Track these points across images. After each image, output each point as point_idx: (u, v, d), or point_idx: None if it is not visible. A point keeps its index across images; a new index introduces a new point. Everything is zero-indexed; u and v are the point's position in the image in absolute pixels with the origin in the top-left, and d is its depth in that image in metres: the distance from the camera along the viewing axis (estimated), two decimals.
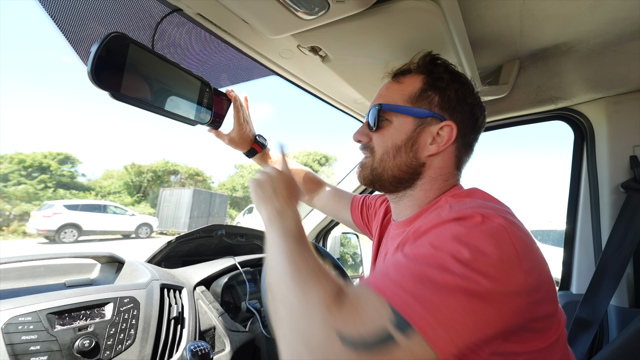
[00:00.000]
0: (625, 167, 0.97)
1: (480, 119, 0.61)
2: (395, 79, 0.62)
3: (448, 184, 0.60)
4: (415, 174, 0.59)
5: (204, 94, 0.74)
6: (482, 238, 0.38)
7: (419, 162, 0.58)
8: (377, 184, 0.63)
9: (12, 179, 15.03)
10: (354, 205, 0.94)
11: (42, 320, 0.64)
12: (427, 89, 0.58)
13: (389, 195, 0.65)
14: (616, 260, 0.90)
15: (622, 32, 0.69)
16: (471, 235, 0.39)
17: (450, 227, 0.41)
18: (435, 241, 0.41)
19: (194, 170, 23.06)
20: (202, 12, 0.63)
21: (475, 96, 0.60)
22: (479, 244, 0.38)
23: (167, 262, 1.15)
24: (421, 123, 0.58)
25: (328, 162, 26.24)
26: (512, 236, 0.39)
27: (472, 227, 0.40)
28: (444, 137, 0.57)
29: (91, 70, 0.50)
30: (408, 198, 0.62)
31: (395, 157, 0.59)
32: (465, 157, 0.62)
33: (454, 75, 0.59)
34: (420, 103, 0.58)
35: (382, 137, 0.60)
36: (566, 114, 1.11)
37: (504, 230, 0.39)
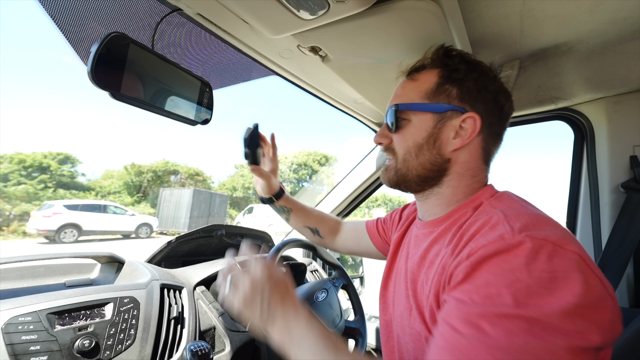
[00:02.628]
0: (625, 167, 0.97)
1: (507, 106, 0.58)
2: (410, 76, 0.61)
3: (476, 181, 0.57)
4: (441, 171, 0.57)
5: (204, 94, 0.74)
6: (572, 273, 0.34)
7: (444, 158, 0.56)
8: (402, 185, 0.61)
9: (12, 179, 15.04)
10: (369, 227, 0.92)
11: (42, 320, 0.64)
12: (443, 83, 0.56)
13: (415, 194, 0.63)
14: (616, 260, 0.90)
15: (622, 32, 0.69)
16: (560, 269, 0.35)
17: (526, 260, 0.36)
18: (510, 285, 0.35)
19: (194, 170, 23.08)
20: (202, 12, 0.63)
21: (497, 83, 0.57)
22: (572, 283, 0.34)
23: (167, 262, 1.15)
24: (441, 118, 0.56)
25: (328, 162, 26.24)
26: (592, 267, 0.36)
27: (557, 257, 0.36)
28: (467, 130, 0.54)
29: (91, 70, 0.50)
30: (435, 196, 0.59)
31: (418, 156, 0.57)
32: (493, 149, 0.59)
33: (470, 64, 0.57)
34: (438, 98, 0.56)
35: (402, 137, 0.59)
36: (566, 114, 1.11)
37: (582, 261, 0.36)
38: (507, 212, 0.45)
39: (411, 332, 0.53)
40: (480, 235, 0.44)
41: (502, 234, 0.40)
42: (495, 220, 0.44)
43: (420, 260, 0.57)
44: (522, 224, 0.41)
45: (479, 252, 0.40)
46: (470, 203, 0.55)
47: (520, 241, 0.38)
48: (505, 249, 0.38)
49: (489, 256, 0.39)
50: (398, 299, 0.62)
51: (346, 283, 1.15)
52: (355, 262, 1.84)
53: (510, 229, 0.40)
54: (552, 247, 0.37)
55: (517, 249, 0.37)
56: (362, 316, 1.11)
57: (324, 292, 1.02)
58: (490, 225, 0.44)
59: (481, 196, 0.55)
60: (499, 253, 0.38)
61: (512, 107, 0.59)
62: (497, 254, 0.38)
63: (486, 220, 0.46)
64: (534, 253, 0.36)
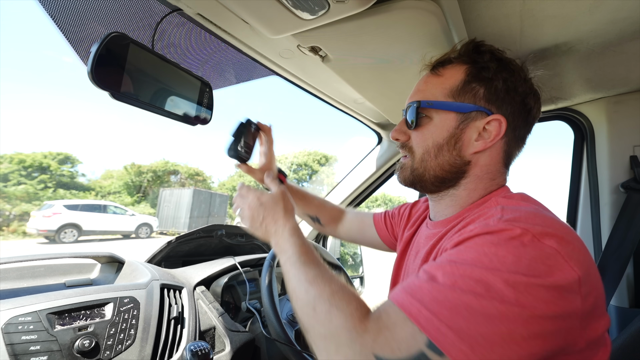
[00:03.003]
0: (625, 167, 0.97)
1: (535, 108, 0.55)
2: (435, 71, 0.57)
3: (494, 184, 0.55)
4: (459, 173, 0.55)
5: (204, 94, 0.74)
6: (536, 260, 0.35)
7: (464, 161, 0.54)
8: (418, 185, 0.59)
9: (12, 179, 15.04)
10: (376, 220, 0.90)
11: (42, 320, 0.64)
12: (470, 81, 0.53)
13: (429, 195, 0.62)
14: (616, 260, 0.90)
15: (622, 32, 0.69)
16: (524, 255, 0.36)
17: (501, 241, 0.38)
18: (480, 256, 0.37)
19: (194, 170, 23.08)
20: (202, 12, 0.63)
21: (528, 84, 0.54)
22: (532, 267, 0.35)
23: (167, 262, 1.15)
24: (465, 119, 0.53)
25: (328, 162, 26.25)
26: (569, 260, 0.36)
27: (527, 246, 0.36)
28: (491, 133, 0.52)
29: (91, 70, 0.50)
30: (450, 197, 0.57)
31: (437, 157, 0.54)
32: (515, 152, 0.56)
33: (501, 63, 0.54)
34: (463, 97, 0.53)
35: (421, 136, 0.56)
36: (566, 114, 1.11)
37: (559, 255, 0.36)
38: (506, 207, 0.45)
39: None
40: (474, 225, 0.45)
41: (488, 222, 0.42)
42: (491, 213, 0.45)
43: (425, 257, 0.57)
44: (513, 216, 0.41)
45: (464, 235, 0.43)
46: (482, 202, 0.54)
47: (501, 228, 0.39)
48: (487, 232, 0.40)
49: (471, 237, 0.41)
50: None
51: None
52: (355, 262, 1.84)
53: (499, 219, 0.41)
54: (531, 237, 0.37)
55: (497, 232, 0.39)
56: None
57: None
58: (485, 217, 0.45)
59: (493, 196, 0.54)
60: (479, 235, 0.40)
61: (539, 110, 0.57)
62: (478, 235, 0.40)
63: (483, 213, 0.47)
64: (509, 238, 0.37)
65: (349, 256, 1.82)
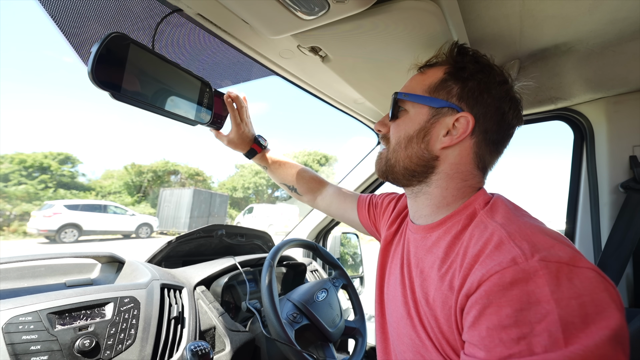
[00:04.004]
0: (624, 167, 0.97)
1: (510, 114, 0.55)
2: (421, 70, 0.62)
3: (467, 185, 0.55)
4: (428, 167, 0.56)
5: (204, 94, 0.74)
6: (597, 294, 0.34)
7: (432, 155, 0.55)
8: (390, 176, 0.61)
9: (13, 179, 15.04)
10: (360, 204, 0.90)
11: (42, 320, 0.64)
12: (447, 79, 0.55)
13: (405, 189, 0.63)
14: (616, 260, 0.90)
15: (621, 32, 0.69)
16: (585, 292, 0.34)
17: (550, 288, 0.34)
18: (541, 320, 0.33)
19: (194, 170, 23.07)
20: (202, 12, 0.63)
21: (504, 88, 0.55)
22: (602, 307, 0.33)
23: (168, 262, 1.15)
24: (436, 113, 0.55)
25: (328, 162, 26.24)
26: (606, 278, 0.36)
27: (576, 279, 0.35)
28: (459, 130, 0.53)
29: (91, 70, 0.50)
30: (424, 196, 0.59)
31: (407, 148, 0.57)
32: (487, 156, 0.56)
33: (480, 65, 0.55)
34: (438, 93, 0.55)
35: (397, 127, 0.60)
36: (566, 114, 1.11)
37: (598, 275, 0.36)
38: (508, 228, 0.44)
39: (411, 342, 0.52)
40: (487, 256, 0.42)
41: (514, 257, 0.38)
42: (497, 238, 0.43)
43: (416, 270, 0.56)
44: (530, 244, 0.39)
45: (493, 280, 0.38)
46: (463, 210, 0.54)
47: (536, 268, 0.36)
48: (523, 278, 0.36)
49: (506, 286, 0.37)
50: (394, 305, 0.61)
51: (346, 283, 1.15)
52: (355, 262, 1.84)
53: (521, 252, 0.39)
54: (568, 268, 0.36)
55: (536, 276, 0.36)
56: (362, 316, 1.11)
57: (324, 292, 1.02)
58: (495, 244, 0.42)
59: (474, 202, 0.53)
60: (516, 282, 0.36)
61: (517, 118, 0.57)
62: (515, 284, 0.36)
63: (488, 238, 0.44)
64: (555, 279, 0.35)
65: (349, 256, 1.82)
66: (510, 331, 0.34)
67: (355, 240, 1.80)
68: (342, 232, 1.74)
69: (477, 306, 0.39)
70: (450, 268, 0.48)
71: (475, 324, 0.38)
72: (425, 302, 0.51)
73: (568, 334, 0.32)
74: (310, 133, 49.33)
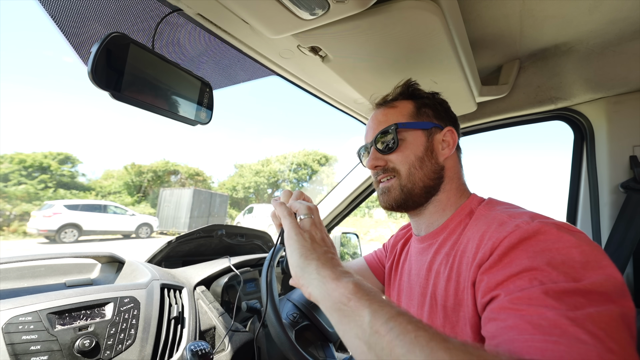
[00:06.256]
0: (625, 167, 0.97)
1: (459, 126, 0.70)
2: (389, 104, 0.67)
3: (461, 183, 0.65)
4: (440, 178, 0.63)
5: (204, 94, 0.74)
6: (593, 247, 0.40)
7: (440, 166, 0.63)
8: (409, 201, 0.63)
9: (13, 179, 15.04)
10: (371, 263, 0.87)
11: (42, 320, 0.64)
12: (420, 107, 0.65)
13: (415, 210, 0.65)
14: (616, 260, 0.90)
15: (622, 32, 0.69)
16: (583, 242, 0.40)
17: (553, 239, 0.41)
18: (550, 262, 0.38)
19: (194, 170, 23.08)
20: (202, 12, 0.63)
21: (446, 104, 0.69)
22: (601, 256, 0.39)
23: (168, 262, 1.15)
24: (430, 133, 0.64)
25: (328, 162, 26.25)
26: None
27: (573, 232, 0.41)
28: (449, 141, 0.64)
29: (91, 70, 0.50)
30: (433, 204, 0.64)
31: (422, 168, 0.62)
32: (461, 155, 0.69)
33: (432, 94, 0.68)
34: (421, 118, 0.65)
35: (402, 155, 0.63)
36: (566, 114, 1.11)
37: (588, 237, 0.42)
38: (507, 212, 0.50)
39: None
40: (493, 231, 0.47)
41: (518, 224, 0.44)
42: (499, 219, 0.49)
43: (427, 273, 0.60)
44: (529, 216, 0.46)
45: (503, 244, 0.43)
46: (461, 212, 0.60)
47: (537, 226, 0.42)
48: (529, 236, 0.42)
49: (514, 245, 0.42)
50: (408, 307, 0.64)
51: None
52: None
53: (523, 220, 0.45)
54: (566, 226, 0.43)
55: (539, 232, 0.42)
56: None
57: None
58: (498, 223, 0.48)
59: (470, 204, 0.61)
60: (523, 240, 0.42)
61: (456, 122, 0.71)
62: (522, 241, 0.42)
63: (490, 221, 0.50)
64: (556, 232, 0.41)
65: (349, 256, 1.82)
66: (522, 275, 0.39)
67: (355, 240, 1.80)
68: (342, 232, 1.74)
69: (491, 269, 0.43)
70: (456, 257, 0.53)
71: (492, 281, 0.42)
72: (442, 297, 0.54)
73: (574, 272, 0.36)
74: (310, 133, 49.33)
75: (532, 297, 0.36)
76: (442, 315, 0.53)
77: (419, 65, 0.77)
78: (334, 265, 0.42)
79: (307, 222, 0.50)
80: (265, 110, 49.11)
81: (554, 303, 0.34)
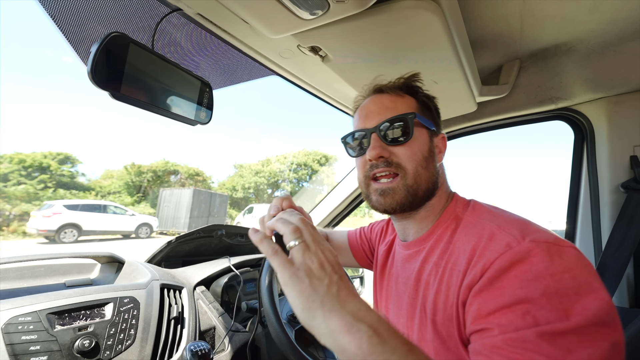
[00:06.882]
0: (625, 167, 0.97)
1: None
2: (396, 92, 0.60)
3: (447, 187, 0.62)
4: (436, 182, 0.59)
5: (204, 94, 0.74)
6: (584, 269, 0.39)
7: (437, 171, 0.60)
8: (413, 204, 0.56)
9: (12, 179, 15.04)
10: (352, 241, 0.87)
11: (42, 320, 0.64)
12: (423, 106, 0.61)
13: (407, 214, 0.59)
14: (616, 260, 0.90)
15: (622, 32, 0.69)
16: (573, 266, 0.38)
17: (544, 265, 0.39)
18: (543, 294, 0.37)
19: (194, 170, 23.08)
20: (202, 12, 0.63)
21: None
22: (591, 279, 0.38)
23: (167, 262, 1.15)
24: (432, 134, 0.60)
25: (328, 161, 26.24)
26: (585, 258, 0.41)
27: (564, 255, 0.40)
28: (441, 148, 0.62)
29: (91, 70, 0.50)
30: (425, 209, 0.59)
31: (427, 168, 0.57)
32: None
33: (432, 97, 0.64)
34: (425, 116, 0.60)
35: (410, 150, 0.56)
36: (566, 114, 1.11)
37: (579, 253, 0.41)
38: (496, 222, 0.48)
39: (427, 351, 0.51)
40: (483, 248, 0.45)
41: (508, 243, 0.42)
42: (489, 231, 0.47)
43: (415, 283, 0.56)
44: (518, 230, 0.44)
45: (494, 266, 0.41)
46: (447, 217, 0.57)
47: (528, 248, 0.40)
48: (519, 259, 0.40)
49: (506, 269, 0.40)
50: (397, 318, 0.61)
51: None
52: None
53: (513, 237, 0.43)
54: (556, 247, 0.40)
55: (530, 255, 0.40)
56: None
57: None
58: (488, 237, 0.46)
59: (454, 208, 0.58)
60: (514, 264, 0.40)
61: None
62: (513, 265, 0.40)
63: (480, 233, 0.48)
64: (547, 256, 0.39)
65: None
66: (515, 308, 0.37)
67: None
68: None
69: (482, 293, 0.41)
70: (446, 269, 0.50)
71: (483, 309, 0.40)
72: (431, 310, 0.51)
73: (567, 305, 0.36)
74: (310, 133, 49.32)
75: (526, 341, 0.35)
76: (432, 329, 0.50)
77: (419, 65, 0.77)
78: (343, 306, 0.35)
79: (298, 251, 0.38)
80: (265, 110, 49.12)
81: (548, 348, 0.34)
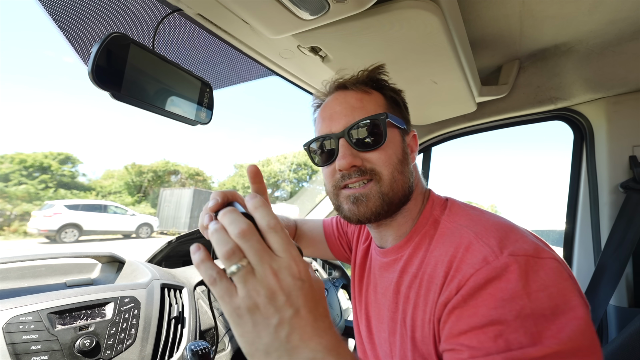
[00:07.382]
0: (624, 167, 0.97)
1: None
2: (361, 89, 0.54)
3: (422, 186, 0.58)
4: (412, 186, 0.54)
5: (204, 94, 0.74)
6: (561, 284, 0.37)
7: (411, 172, 0.55)
8: (389, 212, 0.52)
9: (13, 179, 15.06)
10: (328, 233, 0.83)
11: (43, 319, 0.64)
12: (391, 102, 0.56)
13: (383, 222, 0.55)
14: (615, 260, 0.90)
15: (621, 33, 0.69)
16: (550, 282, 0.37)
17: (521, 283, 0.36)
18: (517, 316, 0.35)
19: (194, 170, 23.09)
20: (202, 12, 0.63)
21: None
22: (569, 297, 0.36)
23: (168, 262, 1.15)
24: (403, 133, 0.56)
25: None
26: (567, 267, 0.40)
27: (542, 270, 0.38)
28: (413, 146, 0.57)
29: (92, 70, 0.51)
30: (402, 214, 0.54)
31: (403, 172, 0.52)
32: None
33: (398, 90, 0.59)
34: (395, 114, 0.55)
35: (385, 154, 0.51)
36: (566, 114, 1.11)
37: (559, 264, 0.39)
38: (474, 229, 0.45)
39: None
40: (460, 261, 0.42)
41: (486, 257, 0.40)
42: (466, 240, 0.44)
43: (394, 296, 0.53)
44: (497, 239, 0.42)
45: (469, 283, 0.39)
46: (424, 221, 0.53)
47: (507, 263, 0.38)
48: (496, 276, 0.38)
49: (481, 286, 0.38)
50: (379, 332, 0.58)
51: (346, 283, 1.15)
52: None
53: (491, 249, 0.40)
54: (534, 261, 0.38)
55: (507, 272, 0.37)
56: None
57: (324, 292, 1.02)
58: (465, 247, 0.43)
59: (432, 211, 0.54)
60: (490, 281, 0.38)
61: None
62: (489, 282, 0.38)
63: (458, 242, 0.45)
64: (524, 273, 0.37)
65: None
66: (487, 330, 0.35)
67: None
68: None
69: (455, 311, 0.40)
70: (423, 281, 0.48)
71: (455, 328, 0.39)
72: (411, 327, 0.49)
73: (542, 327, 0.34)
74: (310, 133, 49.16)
75: None
76: (412, 347, 0.47)
77: (419, 65, 0.77)
78: (291, 356, 0.28)
79: (239, 280, 0.29)
80: (265, 110, 49.10)
81: None
